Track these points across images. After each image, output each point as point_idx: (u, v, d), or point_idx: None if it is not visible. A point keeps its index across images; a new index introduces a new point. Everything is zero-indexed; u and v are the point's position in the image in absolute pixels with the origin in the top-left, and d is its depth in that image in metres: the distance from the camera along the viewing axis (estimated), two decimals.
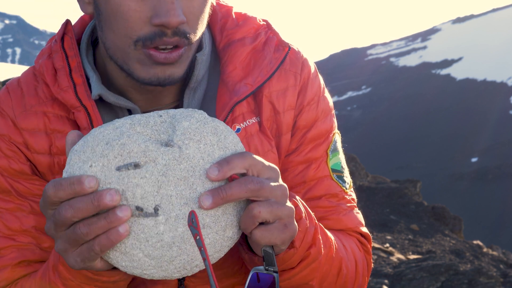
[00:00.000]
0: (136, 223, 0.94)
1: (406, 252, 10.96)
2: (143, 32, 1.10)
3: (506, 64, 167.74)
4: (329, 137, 1.34)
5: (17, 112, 1.25)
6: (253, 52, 1.28)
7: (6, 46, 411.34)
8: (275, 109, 1.28)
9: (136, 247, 0.94)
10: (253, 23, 1.32)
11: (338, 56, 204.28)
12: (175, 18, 1.07)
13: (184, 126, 0.98)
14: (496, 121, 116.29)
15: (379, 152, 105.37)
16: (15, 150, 1.25)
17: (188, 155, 0.96)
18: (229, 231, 0.98)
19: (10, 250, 1.24)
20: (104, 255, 0.97)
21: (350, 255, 1.26)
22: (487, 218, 67.47)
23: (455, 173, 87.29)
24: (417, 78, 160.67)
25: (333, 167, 1.33)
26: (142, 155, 0.95)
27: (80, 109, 1.20)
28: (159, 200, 0.94)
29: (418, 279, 8.19)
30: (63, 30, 1.27)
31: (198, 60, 1.23)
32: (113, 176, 0.94)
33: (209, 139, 0.98)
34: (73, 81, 1.21)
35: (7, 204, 1.25)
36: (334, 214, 1.30)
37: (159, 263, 0.96)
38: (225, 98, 1.23)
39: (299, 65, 1.31)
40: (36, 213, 1.24)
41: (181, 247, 0.95)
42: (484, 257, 11.75)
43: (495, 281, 8.08)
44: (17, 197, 1.25)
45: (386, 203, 14.77)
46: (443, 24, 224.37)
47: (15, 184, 1.25)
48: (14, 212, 1.25)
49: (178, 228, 0.95)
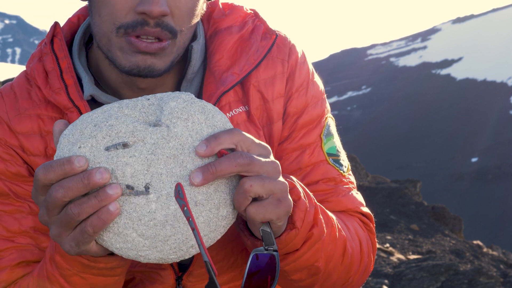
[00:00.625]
0: (127, 202, 0.94)
1: (406, 252, 10.95)
2: (126, 20, 1.11)
3: (506, 64, 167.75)
4: (321, 121, 1.33)
5: (11, 116, 1.26)
6: (240, 40, 1.28)
7: (6, 46, 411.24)
8: (264, 98, 1.27)
9: (129, 226, 0.94)
10: (240, 12, 1.32)
11: (338, 56, 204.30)
12: (157, 7, 1.08)
13: (171, 106, 0.98)
14: (496, 121, 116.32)
15: (379, 152, 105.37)
16: (11, 153, 1.26)
17: (176, 133, 0.96)
18: (223, 210, 0.98)
19: (9, 252, 1.24)
20: (99, 238, 0.96)
21: (354, 235, 1.25)
22: (487, 218, 67.49)
23: (455, 173, 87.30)
24: (417, 78, 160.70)
25: (329, 151, 1.33)
26: (131, 135, 0.95)
27: (73, 110, 1.21)
28: (149, 178, 0.94)
29: (418, 279, 8.19)
30: (52, 32, 1.27)
31: (194, 49, 1.23)
32: (102, 156, 0.94)
33: (197, 118, 0.98)
34: (65, 82, 1.21)
35: (6, 207, 1.26)
36: (333, 196, 1.30)
37: (153, 243, 0.95)
38: (211, 88, 1.23)
39: (287, 52, 1.30)
40: (35, 213, 1.25)
41: (174, 226, 0.95)
42: (484, 257, 11.74)
43: (495, 281, 8.07)
44: (16, 199, 1.26)
45: (386, 203, 14.76)
46: (443, 24, 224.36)
47: (13, 186, 1.26)
48: (13, 214, 1.26)
49: (170, 206, 0.95)
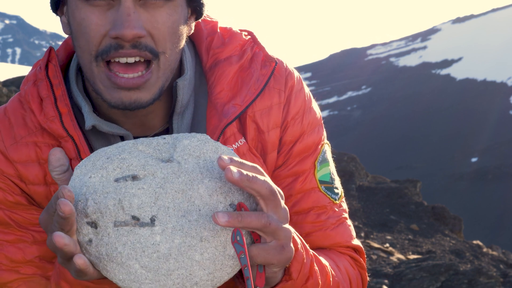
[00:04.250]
0: (132, 233, 0.94)
1: (406, 252, 10.95)
2: (101, 46, 1.10)
3: (506, 64, 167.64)
4: (318, 148, 1.32)
5: (8, 144, 1.24)
6: (240, 70, 1.27)
7: (6, 46, 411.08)
8: (259, 129, 1.26)
9: (132, 257, 0.94)
10: (239, 40, 1.30)
11: (338, 56, 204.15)
12: (129, 30, 1.06)
13: (184, 143, 1.01)
14: (496, 121, 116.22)
15: (379, 152, 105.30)
16: (8, 183, 1.24)
17: (187, 169, 0.97)
18: (230, 249, 0.98)
19: (17, 284, 1.24)
20: (103, 270, 0.97)
21: (345, 275, 1.26)
22: (487, 218, 67.44)
23: (455, 173, 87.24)
24: (417, 78, 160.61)
25: (322, 178, 1.31)
26: (141, 168, 0.97)
27: (67, 139, 1.19)
28: (155, 211, 0.95)
29: (418, 279, 8.19)
30: (47, 57, 1.25)
31: (179, 86, 1.21)
32: (111, 186, 0.96)
33: (209, 156, 1.00)
34: (59, 111, 1.20)
35: (8, 236, 1.25)
36: (322, 230, 1.29)
37: (156, 276, 0.95)
38: (215, 121, 1.22)
39: (283, 81, 1.29)
40: (38, 243, 1.24)
41: (178, 259, 0.94)
42: (484, 257, 11.75)
43: (495, 281, 8.08)
44: (17, 228, 1.25)
45: (386, 203, 14.75)
46: (443, 24, 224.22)
47: (13, 215, 1.24)
48: (16, 244, 1.24)
49: (175, 239, 0.94)
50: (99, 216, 0.97)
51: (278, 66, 1.30)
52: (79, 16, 1.11)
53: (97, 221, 0.96)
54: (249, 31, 1.34)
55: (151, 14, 1.11)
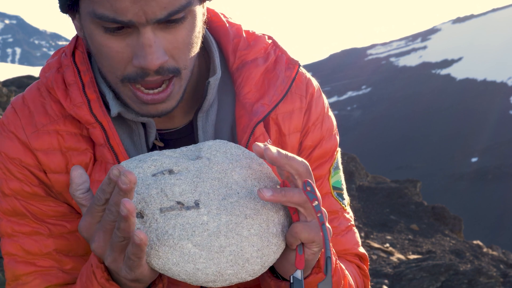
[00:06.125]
0: (179, 216, 0.98)
1: (406, 252, 10.96)
2: (127, 71, 1.10)
3: (506, 64, 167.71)
4: (334, 155, 1.35)
5: (29, 132, 1.22)
6: (266, 71, 1.29)
7: (6, 46, 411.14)
8: (281, 131, 1.29)
9: (184, 237, 0.97)
10: (263, 43, 1.32)
11: (338, 56, 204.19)
12: (153, 62, 1.06)
13: (208, 144, 1.08)
14: (496, 121, 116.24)
15: (379, 152, 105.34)
16: (26, 173, 1.22)
17: (218, 161, 1.04)
18: (273, 228, 1.02)
19: (33, 276, 1.22)
20: (154, 256, 0.98)
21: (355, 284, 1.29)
22: (487, 218, 67.45)
23: (455, 173, 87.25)
24: (417, 78, 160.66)
25: (334, 184, 1.34)
26: (174, 165, 1.03)
27: (95, 126, 1.19)
28: (197, 196, 1.00)
29: (418, 279, 8.19)
30: (73, 44, 1.25)
31: (211, 85, 1.24)
32: (150, 179, 1.00)
33: (234, 151, 1.07)
34: (87, 97, 1.19)
35: (23, 228, 1.23)
36: (333, 235, 1.31)
37: (210, 254, 0.97)
38: (245, 120, 1.24)
39: (304, 88, 1.32)
40: (55, 236, 1.23)
41: (228, 236, 0.98)
42: (484, 257, 11.75)
43: (495, 281, 8.08)
44: (33, 220, 1.23)
45: (386, 203, 14.76)
46: (443, 24, 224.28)
47: (30, 207, 1.23)
48: (32, 236, 1.22)
49: (222, 218, 0.99)
50: (144, 205, 0.99)
51: (300, 72, 1.33)
52: (97, 41, 1.10)
53: (143, 210, 0.98)
54: (268, 35, 1.37)
55: (173, 35, 1.09)
